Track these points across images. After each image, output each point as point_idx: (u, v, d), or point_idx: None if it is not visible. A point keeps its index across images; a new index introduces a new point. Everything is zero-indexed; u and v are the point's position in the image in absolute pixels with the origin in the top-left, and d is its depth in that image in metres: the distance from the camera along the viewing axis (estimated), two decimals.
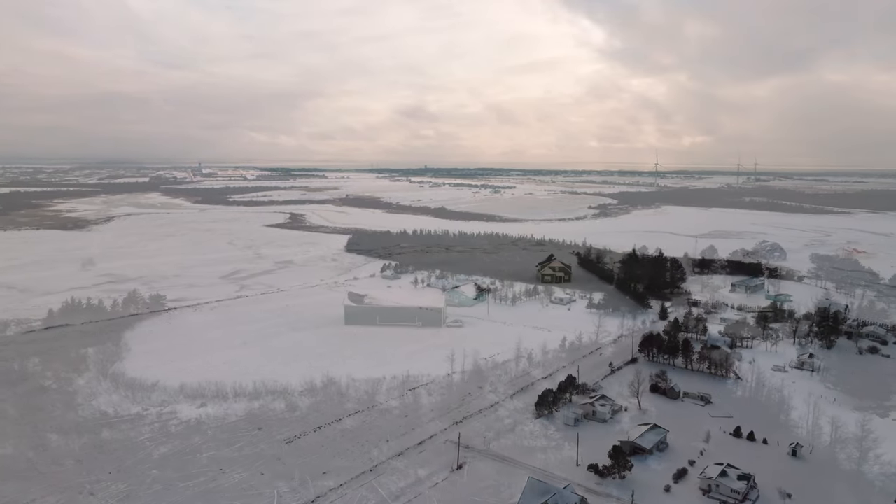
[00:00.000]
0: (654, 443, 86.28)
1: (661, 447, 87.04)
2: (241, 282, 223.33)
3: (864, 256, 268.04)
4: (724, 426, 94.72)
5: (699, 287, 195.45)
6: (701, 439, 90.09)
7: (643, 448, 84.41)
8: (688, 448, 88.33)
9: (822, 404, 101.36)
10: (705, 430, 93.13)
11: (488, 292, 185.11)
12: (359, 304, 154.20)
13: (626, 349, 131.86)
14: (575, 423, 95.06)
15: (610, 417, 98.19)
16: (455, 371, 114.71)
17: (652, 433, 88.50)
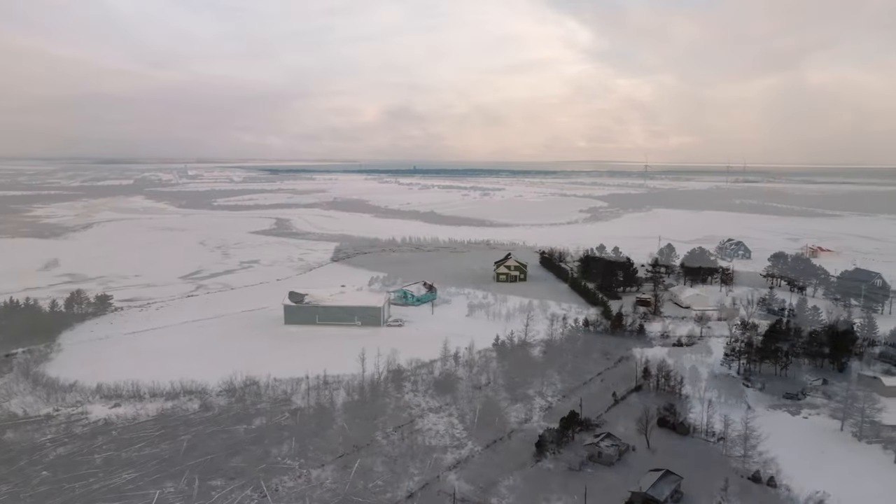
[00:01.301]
0: (669, 493, 77.04)
1: (676, 497, 77.90)
2: (200, 281, 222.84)
3: (829, 255, 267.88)
4: (740, 469, 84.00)
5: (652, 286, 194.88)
6: (718, 486, 78.84)
7: (657, 500, 75.50)
8: (704, 497, 78.83)
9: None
10: (721, 474, 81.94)
11: (435, 291, 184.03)
12: (299, 303, 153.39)
13: (555, 348, 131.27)
14: (580, 468, 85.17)
15: (617, 459, 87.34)
16: (380, 370, 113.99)
17: (665, 482, 78.58)
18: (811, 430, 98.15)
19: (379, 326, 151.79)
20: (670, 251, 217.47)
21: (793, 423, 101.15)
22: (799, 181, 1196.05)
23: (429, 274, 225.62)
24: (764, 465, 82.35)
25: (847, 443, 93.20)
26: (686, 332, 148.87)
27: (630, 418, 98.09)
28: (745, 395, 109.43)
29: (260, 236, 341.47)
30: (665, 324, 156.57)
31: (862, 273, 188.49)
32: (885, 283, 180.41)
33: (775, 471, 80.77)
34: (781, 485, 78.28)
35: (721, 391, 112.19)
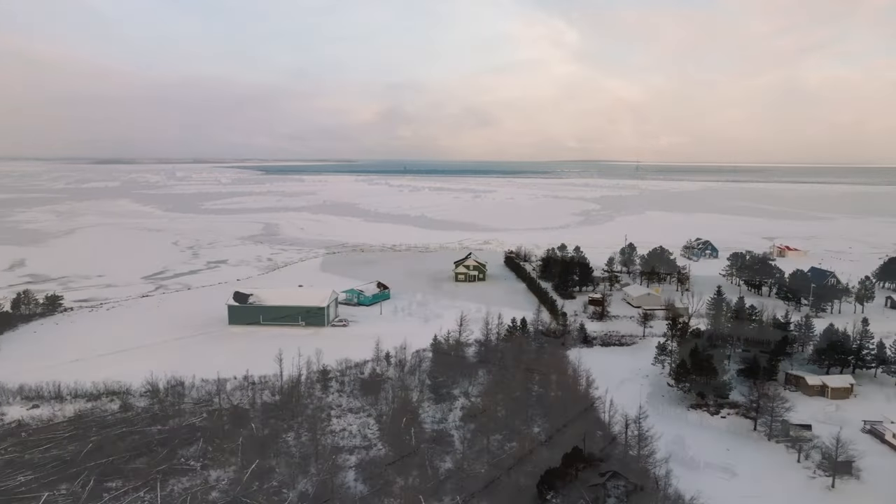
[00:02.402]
0: None
1: None
2: (162, 281, 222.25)
3: (796, 254, 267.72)
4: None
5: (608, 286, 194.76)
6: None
7: None
8: None
9: None
10: None
11: (388, 291, 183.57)
12: (242, 303, 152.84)
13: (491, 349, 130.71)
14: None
15: (625, 501, 78.90)
16: (301, 371, 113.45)
17: None
18: (725, 429, 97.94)
19: (323, 326, 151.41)
20: (632, 250, 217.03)
21: (710, 422, 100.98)
22: (791, 181, 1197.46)
23: (392, 273, 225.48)
24: (655, 466, 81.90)
25: (757, 442, 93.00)
26: (629, 331, 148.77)
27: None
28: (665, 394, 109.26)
29: (238, 237, 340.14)
30: (609, 324, 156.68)
31: (817, 272, 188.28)
32: (839, 282, 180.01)
33: (665, 471, 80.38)
34: (670, 485, 77.81)
35: (642, 391, 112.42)
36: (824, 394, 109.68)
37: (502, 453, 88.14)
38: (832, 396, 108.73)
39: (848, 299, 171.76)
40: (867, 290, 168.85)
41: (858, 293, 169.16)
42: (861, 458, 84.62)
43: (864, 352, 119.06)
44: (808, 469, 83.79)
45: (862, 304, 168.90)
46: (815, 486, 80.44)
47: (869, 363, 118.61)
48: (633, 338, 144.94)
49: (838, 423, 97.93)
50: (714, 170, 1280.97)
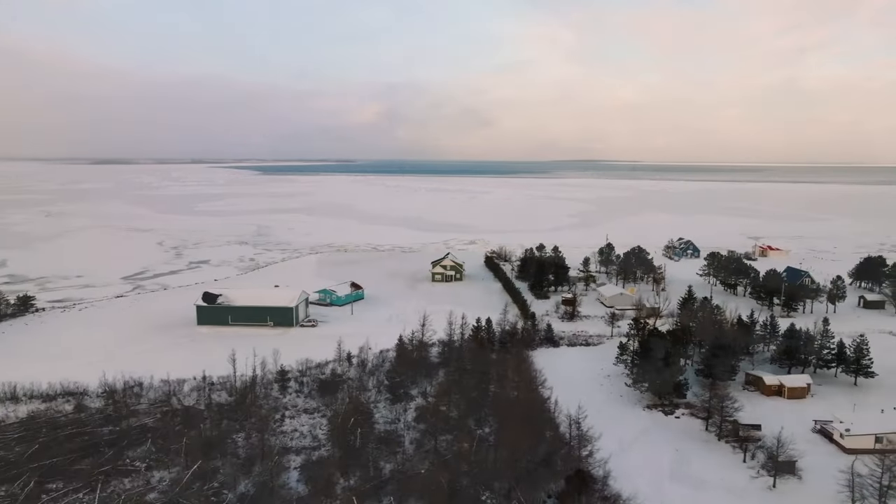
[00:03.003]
0: None
1: None
2: (141, 282, 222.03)
3: (778, 254, 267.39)
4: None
5: (583, 286, 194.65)
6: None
7: None
8: None
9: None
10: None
11: (361, 291, 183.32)
12: (211, 303, 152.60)
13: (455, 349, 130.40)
14: None
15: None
16: (256, 372, 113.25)
17: None
18: (678, 429, 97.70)
19: (291, 327, 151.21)
20: (610, 250, 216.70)
21: (664, 422, 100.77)
22: (789, 181, 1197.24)
23: (372, 273, 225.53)
24: (598, 465, 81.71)
25: (707, 442, 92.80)
26: (597, 332, 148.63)
27: None
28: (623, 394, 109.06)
29: (224, 238, 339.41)
30: (579, 324, 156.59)
31: (792, 272, 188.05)
32: (814, 281, 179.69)
33: (605, 471, 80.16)
34: (608, 486, 77.62)
35: (602, 391, 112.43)
36: (781, 394, 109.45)
37: (448, 454, 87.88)
38: (789, 396, 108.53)
39: (820, 299, 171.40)
40: (839, 290, 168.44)
41: (830, 293, 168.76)
42: (808, 458, 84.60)
43: (824, 351, 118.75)
44: (753, 469, 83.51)
45: (834, 303, 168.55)
46: (757, 485, 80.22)
47: (829, 363, 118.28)
48: (601, 338, 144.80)
49: (790, 423, 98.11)
50: (713, 169, 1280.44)
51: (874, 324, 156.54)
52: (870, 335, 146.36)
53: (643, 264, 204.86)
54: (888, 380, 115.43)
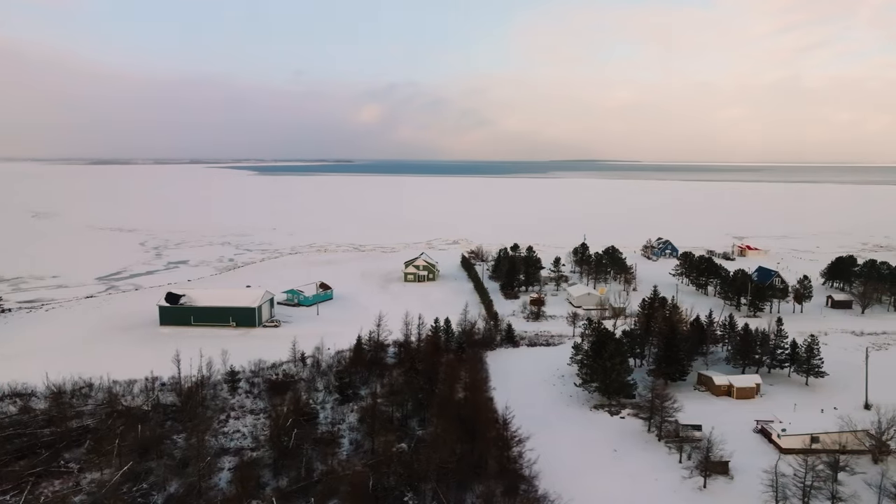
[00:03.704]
0: None
1: None
2: (115, 282, 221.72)
3: (756, 254, 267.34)
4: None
5: (554, 286, 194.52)
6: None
7: None
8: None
9: None
10: None
11: (330, 291, 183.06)
12: (174, 304, 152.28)
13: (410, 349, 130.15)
14: None
15: None
16: (213, 371, 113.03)
17: None
18: (621, 429, 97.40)
19: (254, 327, 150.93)
20: (584, 250, 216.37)
21: (608, 422, 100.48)
22: (786, 181, 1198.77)
23: (346, 273, 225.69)
24: (527, 466, 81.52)
25: (647, 443, 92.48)
26: (560, 331, 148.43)
27: None
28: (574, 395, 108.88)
29: (207, 238, 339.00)
30: (544, 324, 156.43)
31: (763, 272, 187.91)
32: (784, 281, 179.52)
33: (533, 472, 79.97)
34: (536, 487, 77.46)
35: (553, 391, 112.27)
36: (731, 394, 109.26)
37: (385, 455, 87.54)
38: (738, 396, 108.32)
39: (787, 299, 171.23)
40: (805, 290, 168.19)
41: (797, 292, 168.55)
42: (745, 458, 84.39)
43: (778, 351, 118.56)
44: (688, 469, 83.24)
45: (800, 303, 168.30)
46: (688, 486, 79.93)
47: (783, 363, 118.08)
48: (563, 338, 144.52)
49: (734, 423, 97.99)
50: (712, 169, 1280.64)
51: (838, 323, 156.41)
52: (832, 334, 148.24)
53: (616, 264, 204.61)
54: (839, 379, 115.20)
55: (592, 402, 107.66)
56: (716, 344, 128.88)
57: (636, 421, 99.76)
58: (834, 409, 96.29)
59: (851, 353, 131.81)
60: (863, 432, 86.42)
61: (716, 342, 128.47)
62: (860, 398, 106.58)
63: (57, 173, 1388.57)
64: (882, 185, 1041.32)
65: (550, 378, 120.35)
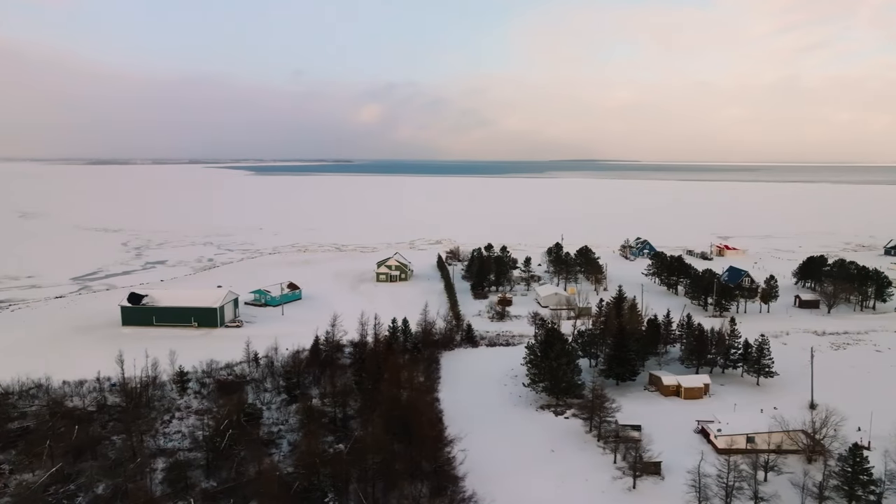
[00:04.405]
0: None
1: None
2: (89, 282, 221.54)
3: (735, 254, 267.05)
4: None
5: (524, 286, 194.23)
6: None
7: None
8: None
9: None
10: None
11: (298, 291, 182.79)
12: (136, 304, 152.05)
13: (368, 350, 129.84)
14: None
15: None
16: (159, 372, 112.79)
17: None
18: (562, 429, 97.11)
19: (216, 327, 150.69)
20: (558, 249, 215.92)
21: (551, 423, 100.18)
22: (782, 180, 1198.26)
23: (320, 273, 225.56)
24: (459, 466, 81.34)
25: (586, 443, 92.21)
26: (521, 332, 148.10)
27: None
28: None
29: (190, 238, 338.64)
30: (508, 324, 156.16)
31: (733, 272, 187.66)
32: (753, 281, 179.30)
33: (464, 473, 79.72)
34: (464, 489, 77.19)
35: (503, 392, 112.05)
36: (679, 394, 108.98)
37: (328, 456, 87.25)
38: (686, 397, 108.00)
39: (753, 299, 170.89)
40: (772, 290, 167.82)
41: (763, 292, 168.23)
42: (682, 458, 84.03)
43: (732, 351, 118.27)
44: (621, 470, 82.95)
45: (767, 302, 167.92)
46: (617, 486, 79.66)
47: (736, 363, 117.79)
48: (523, 338, 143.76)
49: (678, 423, 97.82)
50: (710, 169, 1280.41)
51: (802, 323, 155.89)
52: (794, 334, 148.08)
53: (589, 264, 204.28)
54: (791, 379, 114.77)
55: (540, 402, 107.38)
56: (672, 344, 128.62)
57: (579, 421, 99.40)
58: (774, 408, 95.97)
59: (808, 353, 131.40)
60: (798, 432, 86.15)
61: (672, 342, 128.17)
62: (808, 397, 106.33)
63: (54, 173, 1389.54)
64: (878, 184, 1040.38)
65: (503, 378, 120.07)
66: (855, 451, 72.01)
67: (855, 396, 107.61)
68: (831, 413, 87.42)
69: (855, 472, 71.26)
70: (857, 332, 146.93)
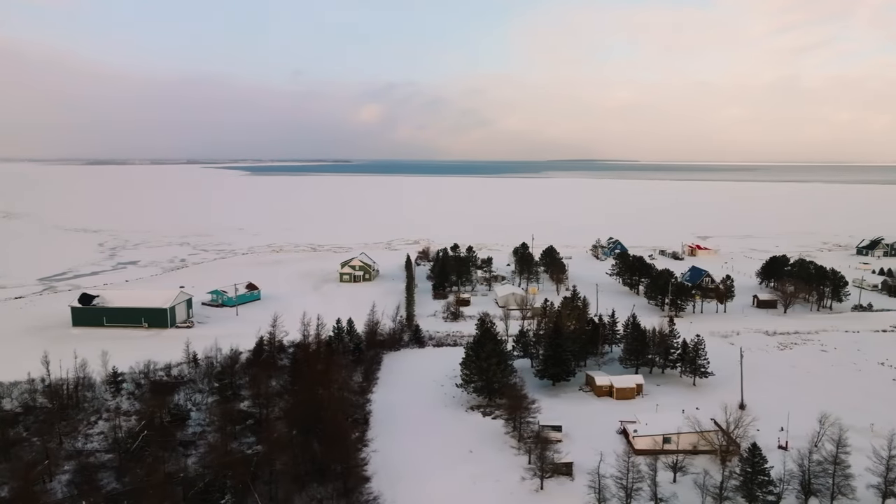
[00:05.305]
0: None
1: None
2: (57, 282, 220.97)
3: (706, 254, 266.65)
4: None
5: (486, 287, 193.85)
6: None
7: None
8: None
9: None
10: None
11: (258, 292, 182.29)
12: (87, 304, 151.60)
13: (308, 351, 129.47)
14: None
15: None
16: (90, 373, 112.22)
17: None
18: (485, 430, 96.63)
19: (166, 328, 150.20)
20: (525, 249, 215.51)
21: (476, 423, 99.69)
22: (778, 180, 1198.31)
23: (286, 274, 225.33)
24: (365, 467, 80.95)
25: (505, 444, 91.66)
26: (471, 332, 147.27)
27: None
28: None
29: (168, 239, 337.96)
30: (461, 324, 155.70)
31: (695, 272, 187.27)
32: (713, 281, 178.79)
33: (372, 474, 79.35)
34: (370, 491, 76.87)
35: (439, 392, 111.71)
36: (612, 394, 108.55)
37: (236, 456, 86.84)
38: (618, 397, 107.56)
39: (707, 299, 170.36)
40: (728, 290, 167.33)
41: (718, 292, 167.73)
42: (598, 459, 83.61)
43: (671, 351, 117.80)
44: (532, 471, 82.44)
45: (722, 302, 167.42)
46: (525, 487, 79.19)
47: (675, 363, 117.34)
48: (472, 338, 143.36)
49: (605, 423, 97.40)
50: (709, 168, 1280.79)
51: (755, 323, 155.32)
52: (744, 334, 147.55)
53: (554, 264, 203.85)
54: (727, 379, 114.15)
55: (472, 402, 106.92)
56: (618, 343, 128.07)
57: (502, 421, 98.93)
58: (696, 409, 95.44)
59: (754, 353, 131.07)
60: (712, 432, 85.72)
61: (617, 342, 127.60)
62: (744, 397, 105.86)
63: (50, 174, 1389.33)
64: (873, 184, 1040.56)
65: (442, 378, 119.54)
66: (753, 451, 71.59)
67: (788, 396, 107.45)
68: (746, 415, 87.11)
69: (754, 472, 70.87)
70: (807, 331, 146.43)
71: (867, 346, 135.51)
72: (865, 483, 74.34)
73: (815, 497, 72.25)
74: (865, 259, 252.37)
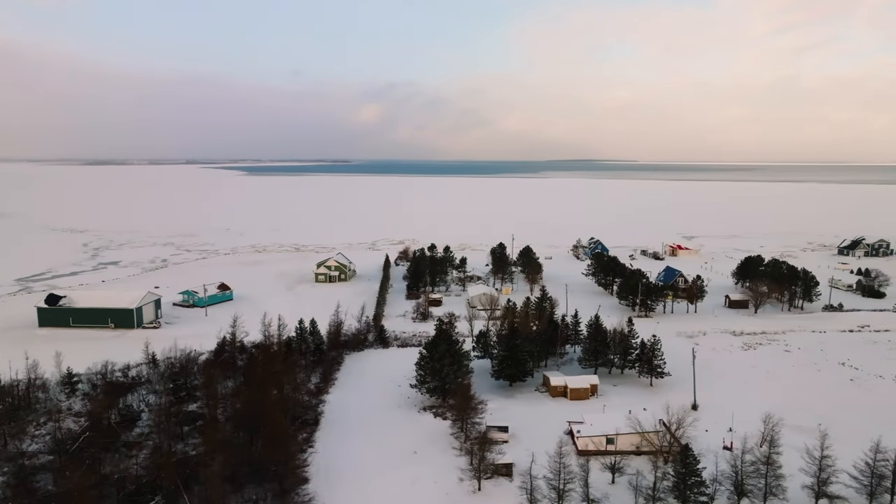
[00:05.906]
0: None
1: None
2: (34, 283, 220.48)
3: (687, 254, 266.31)
4: None
5: (460, 287, 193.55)
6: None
7: None
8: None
9: None
10: None
11: (230, 292, 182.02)
12: (53, 305, 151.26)
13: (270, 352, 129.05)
14: None
15: None
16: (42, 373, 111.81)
17: None
18: (434, 430, 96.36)
19: (132, 328, 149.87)
20: (502, 249, 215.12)
21: (428, 424, 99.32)
22: (775, 180, 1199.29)
23: (263, 274, 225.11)
24: (304, 469, 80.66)
25: (450, 445, 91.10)
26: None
27: None
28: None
29: (154, 239, 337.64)
30: (430, 324, 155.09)
31: (668, 272, 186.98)
32: (687, 281, 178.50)
33: (310, 476, 79.08)
34: (307, 492, 76.60)
35: (395, 393, 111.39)
36: (566, 395, 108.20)
37: (174, 457, 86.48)
38: (572, 397, 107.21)
39: (678, 300, 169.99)
40: (699, 290, 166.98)
41: (689, 292, 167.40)
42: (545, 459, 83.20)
43: (630, 351, 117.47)
44: (472, 472, 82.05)
45: (693, 302, 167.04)
46: (463, 489, 78.84)
47: (634, 363, 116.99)
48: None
49: (555, 423, 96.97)
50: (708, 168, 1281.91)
51: (724, 323, 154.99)
52: (711, 334, 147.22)
53: (530, 264, 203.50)
54: (683, 379, 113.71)
55: (425, 403, 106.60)
56: (579, 344, 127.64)
57: (450, 422, 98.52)
58: (644, 409, 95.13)
59: (718, 354, 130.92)
60: (653, 433, 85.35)
61: (579, 342, 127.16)
62: (698, 398, 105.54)
63: (47, 174, 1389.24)
64: (869, 184, 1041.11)
65: (401, 379, 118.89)
66: (685, 452, 71.28)
67: (742, 397, 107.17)
68: (689, 415, 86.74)
69: (686, 473, 70.54)
70: (774, 332, 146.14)
71: (831, 346, 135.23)
72: (801, 483, 74.12)
73: (747, 498, 71.95)
74: (845, 259, 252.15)
